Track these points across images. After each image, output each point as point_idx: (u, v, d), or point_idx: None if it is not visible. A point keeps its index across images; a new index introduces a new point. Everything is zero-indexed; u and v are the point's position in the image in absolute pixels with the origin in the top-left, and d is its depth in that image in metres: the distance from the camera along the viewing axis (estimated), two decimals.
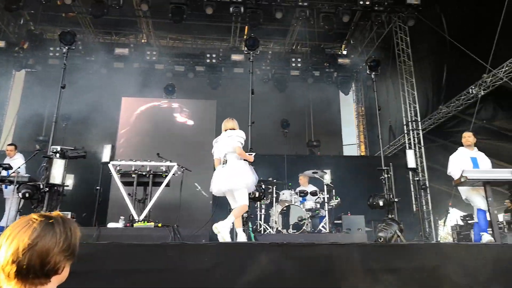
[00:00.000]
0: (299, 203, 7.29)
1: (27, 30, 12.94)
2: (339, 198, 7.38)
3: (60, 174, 5.40)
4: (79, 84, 12.43)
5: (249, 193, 4.83)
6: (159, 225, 5.48)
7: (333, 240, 5.43)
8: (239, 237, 4.64)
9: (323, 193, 7.30)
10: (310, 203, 7.27)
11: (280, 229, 6.82)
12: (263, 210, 7.14)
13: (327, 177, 7.61)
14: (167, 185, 6.15)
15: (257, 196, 5.61)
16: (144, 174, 6.14)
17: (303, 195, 7.54)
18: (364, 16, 12.98)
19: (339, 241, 4.90)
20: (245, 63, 12.92)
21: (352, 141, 16.04)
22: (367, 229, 7.72)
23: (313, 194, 7.52)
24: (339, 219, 7.77)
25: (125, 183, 6.09)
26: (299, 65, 13.44)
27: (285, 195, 7.44)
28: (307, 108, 14.32)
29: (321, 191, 7.45)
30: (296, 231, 6.69)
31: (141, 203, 6.01)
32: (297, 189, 7.80)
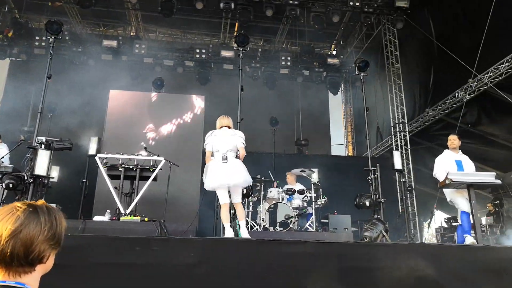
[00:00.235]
0: (286, 201, 7.32)
1: (12, 18, 12.62)
2: (326, 197, 7.44)
3: (45, 165, 5.29)
4: (65, 75, 12.23)
5: None
6: (146, 219, 5.44)
7: (320, 239, 5.47)
8: (227, 233, 4.64)
9: (311, 191, 7.34)
10: (297, 201, 7.30)
11: (267, 226, 6.84)
12: (250, 207, 7.15)
13: (314, 176, 7.66)
14: (155, 179, 6.10)
15: (244, 193, 5.61)
16: (131, 167, 6.08)
17: (290, 193, 7.56)
18: (353, 17, 13.10)
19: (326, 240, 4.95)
20: (234, 60, 12.89)
21: (340, 141, 16.18)
22: (353, 229, 7.80)
23: (301, 192, 7.55)
24: (325, 218, 7.83)
25: (112, 177, 6.03)
26: (289, 64, 13.46)
27: (273, 193, 7.46)
28: (296, 107, 14.38)
29: (309, 189, 7.49)
30: (283, 229, 6.71)
31: (127, 197, 5.95)
32: (285, 187, 7.83)
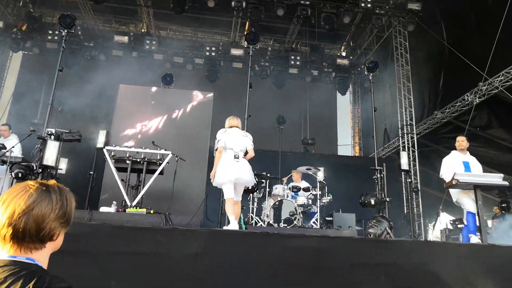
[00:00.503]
0: (291, 198, 7.33)
1: (26, 12, 12.83)
2: (331, 195, 7.43)
3: (54, 156, 5.37)
4: (76, 69, 12.38)
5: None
6: (151, 211, 5.48)
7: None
8: (231, 225, 4.67)
9: (316, 189, 7.34)
10: (302, 198, 7.30)
11: (271, 222, 6.85)
12: (255, 203, 7.17)
13: (320, 174, 7.66)
14: (161, 173, 6.14)
15: (250, 188, 5.65)
16: (138, 161, 6.13)
17: (295, 190, 7.58)
18: (365, 18, 13.05)
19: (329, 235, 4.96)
20: (244, 58, 12.94)
21: (347, 142, 16.13)
22: (357, 228, 7.79)
23: (306, 190, 7.56)
24: (330, 216, 7.83)
25: (119, 169, 6.08)
26: (298, 64, 13.48)
27: (278, 189, 7.47)
28: (304, 106, 14.37)
29: (314, 187, 7.49)
30: (287, 225, 6.73)
31: (134, 190, 6.00)
32: (290, 184, 7.84)
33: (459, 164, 5.72)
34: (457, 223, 7.50)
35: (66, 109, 10.16)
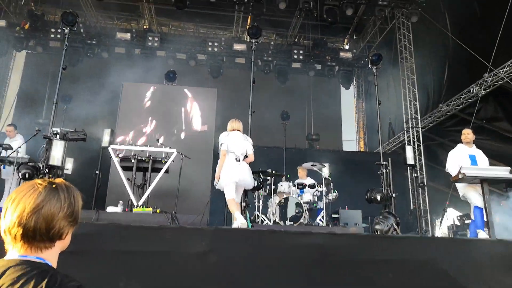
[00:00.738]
0: (297, 195, 7.31)
1: (28, 10, 12.81)
2: (336, 192, 7.41)
3: (60, 156, 5.38)
4: (79, 67, 12.39)
5: None
6: (158, 211, 5.50)
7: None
8: (238, 221, 4.65)
9: (321, 186, 7.31)
10: (308, 195, 7.28)
11: (277, 220, 6.85)
12: (261, 201, 7.15)
13: (325, 170, 7.62)
14: (166, 171, 6.16)
15: (255, 185, 5.66)
16: (143, 159, 6.14)
17: (301, 187, 7.56)
18: (368, 10, 12.93)
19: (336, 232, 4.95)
20: (246, 53, 12.89)
21: (351, 137, 16.05)
22: (364, 225, 7.77)
23: (311, 186, 7.54)
24: (336, 213, 7.81)
25: (125, 168, 6.10)
26: (301, 58, 13.38)
27: (283, 186, 7.45)
28: (308, 101, 14.32)
29: (319, 184, 7.47)
30: (293, 223, 6.72)
31: (140, 189, 6.02)
32: (296, 181, 7.82)
33: (465, 157, 5.65)
34: (464, 218, 7.44)
35: (70, 108, 10.19)
